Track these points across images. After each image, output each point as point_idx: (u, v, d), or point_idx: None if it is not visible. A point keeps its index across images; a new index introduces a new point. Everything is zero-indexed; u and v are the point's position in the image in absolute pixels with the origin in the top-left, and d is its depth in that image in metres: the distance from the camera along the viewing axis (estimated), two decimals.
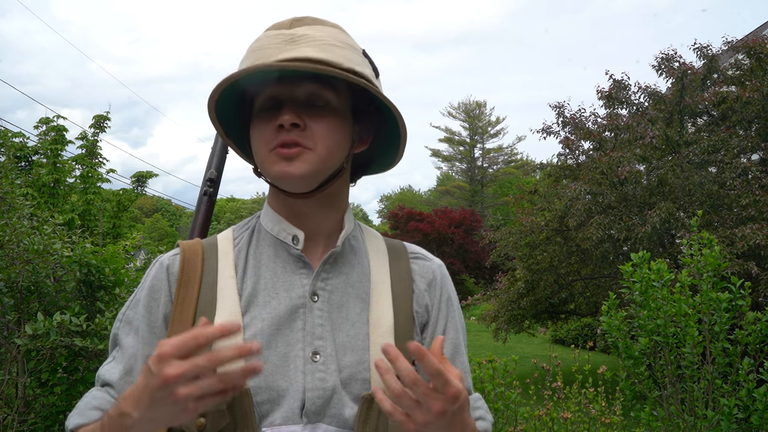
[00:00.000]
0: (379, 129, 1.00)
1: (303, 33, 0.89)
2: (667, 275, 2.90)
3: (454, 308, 1.02)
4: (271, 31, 0.92)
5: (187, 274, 0.93)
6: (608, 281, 9.02)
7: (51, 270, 2.75)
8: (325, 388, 0.87)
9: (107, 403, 0.89)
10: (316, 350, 0.89)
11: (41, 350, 2.48)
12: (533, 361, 4.79)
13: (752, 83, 8.05)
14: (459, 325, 1.02)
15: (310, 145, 0.89)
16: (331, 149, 0.91)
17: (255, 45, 0.91)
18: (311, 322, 0.91)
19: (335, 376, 0.88)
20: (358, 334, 0.92)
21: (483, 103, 42.79)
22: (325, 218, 0.97)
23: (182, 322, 0.90)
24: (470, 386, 1.01)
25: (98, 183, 13.23)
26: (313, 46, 0.88)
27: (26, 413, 2.55)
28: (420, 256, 1.05)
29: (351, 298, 0.95)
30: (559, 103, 9.84)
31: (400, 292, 0.98)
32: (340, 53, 0.89)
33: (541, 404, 3.99)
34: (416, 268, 1.02)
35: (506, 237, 10.21)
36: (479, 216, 28.59)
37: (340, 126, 0.92)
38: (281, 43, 0.88)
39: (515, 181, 33.06)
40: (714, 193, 7.62)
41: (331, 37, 0.90)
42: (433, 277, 1.02)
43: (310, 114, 0.90)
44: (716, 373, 2.80)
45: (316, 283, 0.94)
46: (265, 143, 0.90)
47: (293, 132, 0.89)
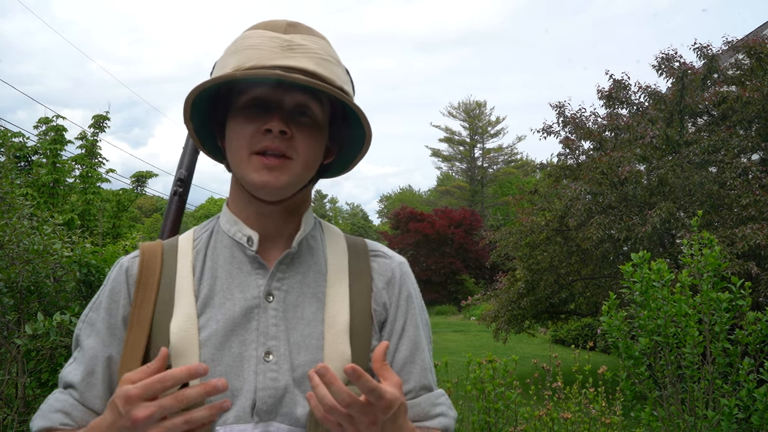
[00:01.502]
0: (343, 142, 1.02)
1: (300, 42, 0.91)
2: (668, 275, 2.90)
3: (415, 306, 1.02)
4: (266, 31, 0.92)
5: (145, 276, 0.95)
6: (608, 281, 9.02)
7: (51, 270, 2.75)
8: (276, 388, 0.88)
9: (69, 405, 0.91)
10: (269, 350, 0.90)
11: (41, 350, 2.48)
12: (533, 361, 4.79)
13: (752, 83, 8.05)
14: (420, 322, 1.02)
15: (293, 155, 0.91)
16: (309, 162, 0.93)
17: (248, 42, 0.91)
18: (265, 322, 0.92)
19: (288, 375, 0.89)
20: (312, 333, 0.93)
21: (483, 103, 42.81)
22: (286, 221, 0.99)
23: (140, 324, 0.91)
24: (431, 382, 0.99)
25: (98, 183, 13.24)
26: (310, 58, 0.90)
27: (26, 413, 2.55)
28: (380, 254, 1.05)
29: (307, 297, 0.95)
30: (559, 103, 9.84)
31: (358, 290, 0.98)
32: (333, 69, 0.92)
33: (541, 404, 3.99)
34: (376, 266, 1.02)
35: (506, 237, 10.20)
36: (479, 216, 28.60)
37: (319, 139, 0.95)
38: (278, 48, 0.89)
39: (515, 181, 33.08)
40: (714, 193, 7.62)
41: (324, 51, 0.93)
42: (392, 275, 1.02)
43: (296, 124, 0.91)
44: (716, 373, 2.80)
45: (271, 284, 0.94)
46: (246, 144, 0.91)
47: (279, 139, 0.89)
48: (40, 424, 0.89)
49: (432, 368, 1.02)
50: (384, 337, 0.99)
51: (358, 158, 1.01)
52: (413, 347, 0.99)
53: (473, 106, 42.84)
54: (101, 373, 0.92)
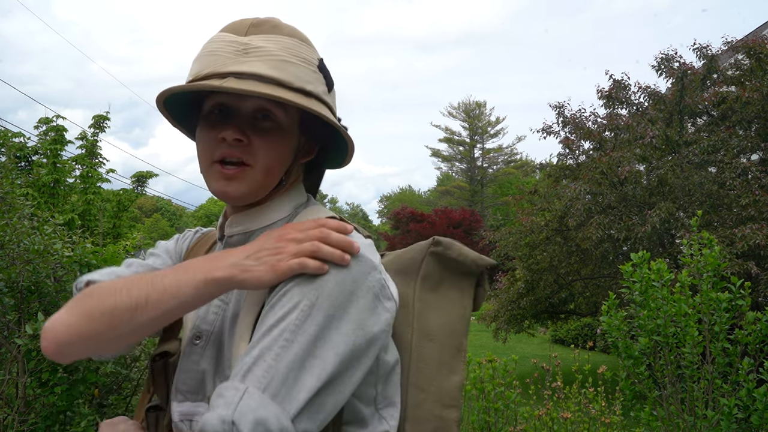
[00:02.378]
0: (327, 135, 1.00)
1: (257, 45, 0.89)
2: (667, 275, 2.90)
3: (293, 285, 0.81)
4: (227, 35, 0.91)
5: (194, 254, 1.05)
6: (608, 281, 9.02)
7: (51, 270, 2.76)
8: (196, 371, 0.91)
9: (110, 273, 1.00)
10: (198, 334, 0.93)
11: (41, 350, 2.48)
12: (533, 361, 4.79)
13: (752, 83, 8.05)
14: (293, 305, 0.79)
15: (251, 161, 0.90)
16: (271, 167, 0.92)
17: (208, 48, 0.91)
18: (206, 308, 0.94)
19: (209, 361, 0.91)
20: (232, 328, 0.91)
21: (483, 103, 42.81)
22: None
23: None
24: (243, 371, 0.76)
25: (98, 183, 13.24)
26: (264, 61, 0.88)
27: (26, 413, 2.55)
28: None
29: (254, 295, 0.90)
30: (559, 103, 9.85)
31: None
32: (292, 71, 0.89)
33: (541, 404, 3.99)
34: None
35: (506, 237, 10.21)
36: (479, 216, 28.59)
37: (284, 142, 0.93)
38: (233, 54, 0.88)
39: (515, 181, 33.08)
40: (714, 193, 7.62)
41: (285, 51, 0.90)
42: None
43: (254, 129, 0.90)
44: (716, 373, 2.80)
45: None
46: (207, 153, 0.92)
47: (235, 147, 0.89)
48: (94, 276, 0.98)
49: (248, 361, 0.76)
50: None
51: (347, 158, 1.00)
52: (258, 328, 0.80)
53: (473, 107, 42.84)
54: (153, 260, 1.06)
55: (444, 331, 0.98)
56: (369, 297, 0.83)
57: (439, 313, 1.00)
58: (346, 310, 0.80)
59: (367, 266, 0.84)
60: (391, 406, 0.91)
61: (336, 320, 0.79)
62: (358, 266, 0.83)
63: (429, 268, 1.01)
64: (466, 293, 1.02)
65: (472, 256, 1.01)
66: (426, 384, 0.96)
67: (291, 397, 0.74)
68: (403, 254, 1.06)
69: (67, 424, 2.60)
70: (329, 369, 0.77)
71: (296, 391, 0.74)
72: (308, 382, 0.75)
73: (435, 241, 1.03)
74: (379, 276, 0.86)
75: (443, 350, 0.98)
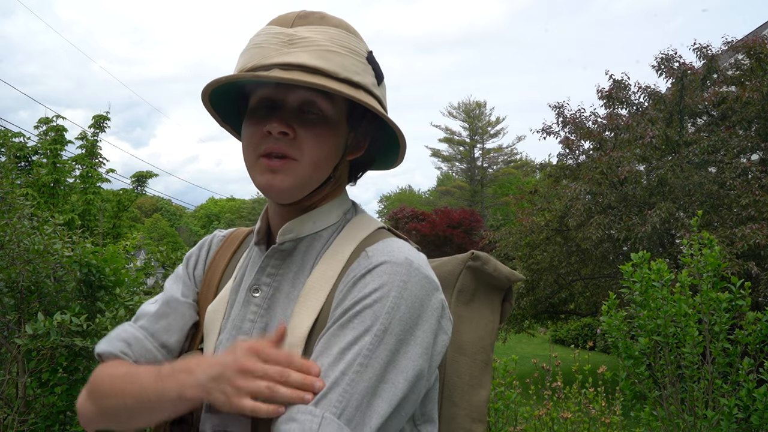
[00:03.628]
0: (378, 132, 0.96)
1: (303, 36, 0.86)
2: (667, 275, 2.90)
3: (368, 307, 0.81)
4: (273, 26, 0.89)
5: (217, 261, 1.03)
6: (608, 281, 9.02)
7: (51, 270, 2.76)
8: None
9: (133, 338, 0.96)
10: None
11: (42, 350, 2.49)
12: (533, 361, 4.79)
13: (752, 83, 8.05)
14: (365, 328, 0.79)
15: (297, 155, 0.87)
16: (318, 161, 0.88)
17: (255, 40, 0.89)
18: (242, 316, 0.92)
19: None
20: (291, 338, 0.87)
21: (483, 103, 42.79)
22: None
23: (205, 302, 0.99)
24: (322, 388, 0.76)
25: (98, 183, 13.24)
26: (310, 51, 0.85)
27: (27, 413, 2.55)
28: (363, 255, 0.88)
29: (288, 299, 0.90)
30: (559, 103, 9.85)
31: (331, 298, 0.87)
32: (338, 61, 0.86)
33: (541, 404, 3.99)
34: (351, 267, 0.87)
35: (506, 237, 10.21)
36: (479, 216, 28.57)
37: (331, 136, 0.89)
38: (279, 45, 0.86)
39: (515, 181, 33.06)
40: (714, 193, 7.62)
41: (331, 41, 0.87)
42: (354, 275, 0.85)
43: (301, 122, 0.87)
44: (716, 373, 2.80)
45: (259, 278, 0.93)
46: (252, 148, 0.89)
47: (281, 141, 0.86)
48: (103, 347, 0.95)
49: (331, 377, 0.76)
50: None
51: (400, 155, 0.96)
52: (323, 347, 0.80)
53: (473, 107, 42.83)
54: (175, 304, 1.00)
55: (475, 345, 0.99)
56: (434, 320, 0.83)
57: (471, 327, 1.00)
58: (414, 334, 0.80)
59: (431, 286, 0.84)
60: (430, 422, 0.90)
61: (405, 344, 0.79)
62: (424, 287, 0.83)
63: (465, 282, 1.01)
64: (495, 308, 1.03)
65: (506, 272, 1.02)
66: (458, 398, 0.96)
67: (364, 423, 0.74)
68: (441, 266, 1.05)
69: (67, 424, 2.60)
70: (399, 394, 0.77)
71: (369, 417, 0.75)
72: (381, 408, 0.76)
73: (474, 255, 1.03)
74: (441, 297, 0.86)
75: (474, 364, 0.98)
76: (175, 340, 0.98)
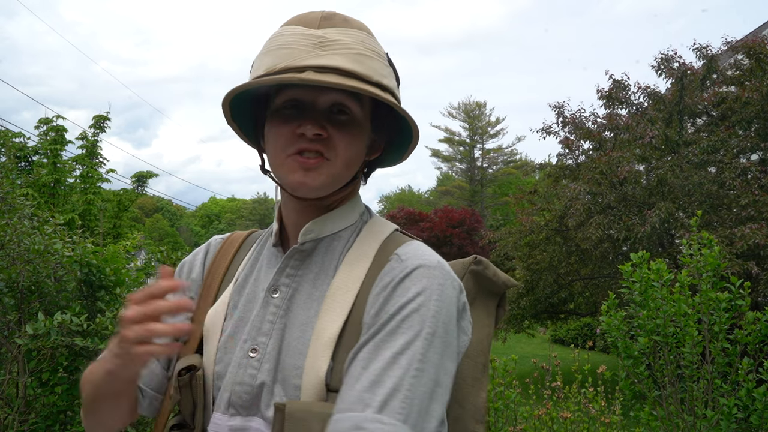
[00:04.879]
0: (391, 133, 0.99)
1: (334, 38, 0.87)
2: (667, 275, 2.90)
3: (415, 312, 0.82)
4: (298, 27, 0.89)
5: (216, 265, 1.03)
6: (608, 281, 9.03)
7: (52, 270, 2.76)
8: (252, 385, 0.87)
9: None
10: (255, 346, 0.89)
11: (42, 350, 2.49)
12: (533, 360, 4.79)
13: (751, 83, 8.06)
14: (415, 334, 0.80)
15: (331, 155, 0.88)
16: (350, 161, 0.91)
17: (281, 41, 0.88)
18: (261, 317, 0.91)
19: (268, 374, 0.87)
20: (302, 337, 0.88)
21: (483, 104, 42.79)
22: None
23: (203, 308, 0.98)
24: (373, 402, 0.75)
25: (98, 183, 13.25)
26: (343, 54, 0.86)
27: (27, 413, 2.55)
28: (395, 257, 0.89)
29: (312, 300, 0.90)
30: (559, 104, 9.85)
31: (361, 300, 0.88)
32: (370, 64, 0.88)
33: (540, 404, 3.99)
34: (386, 269, 0.88)
35: (506, 237, 10.22)
36: (479, 216, 28.55)
37: (360, 137, 0.92)
38: (310, 47, 0.86)
39: (515, 182, 33.06)
40: (713, 193, 7.63)
41: (360, 44, 0.88)
42: (391, 280, 0.85)
43: (333, 123, 0.89)
44: (716, 373, 2.81)
45: (279, 279, 0.93)
46: (282, 147, 0.89)
47: (315, 142, 0.87)
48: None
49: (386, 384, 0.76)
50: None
51: (409, 149, 0.98)
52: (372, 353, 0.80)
53: (473, 107, 42.83)
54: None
55: (476, 348, 1.00)
56: (462, 320, 0.88)
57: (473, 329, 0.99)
58: (452, 336, 0.84)
59: (460, 289, 0.88)
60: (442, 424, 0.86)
61: (447, 347, 0.82)
62: (456, 290, 0.87)
63: (467, 286, 1.01)
64: (491, 312, 1.05)
65: (503, 278, 1.04)
66: (463, 399, 0.97)
67: (424, 429, 0.76)
68: None
69: (67, 424, 2.60)
70: (447, 396, 0.81)
71: (428, 422, 0.77)
72: (437, 411, 0.78)
73: (477, 260, 1.04)
74: (464, 298, 0.89)
75: (475, 367, 1.00)
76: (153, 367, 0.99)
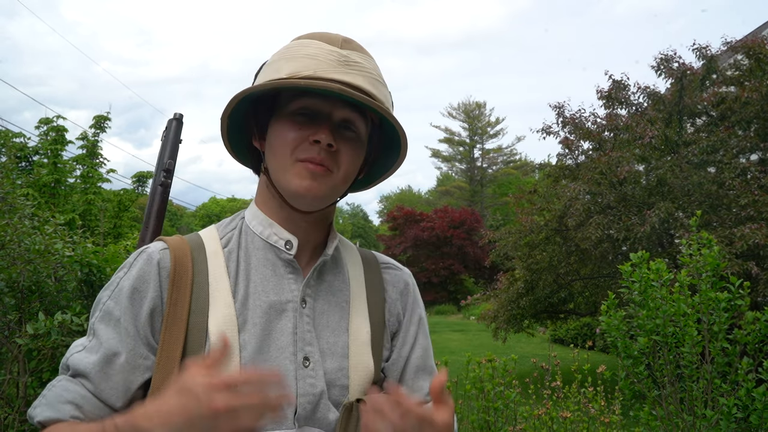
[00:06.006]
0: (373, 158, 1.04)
1: (356, 59, 0.92)
2: (666, 275, 2.91)
3: (423, 315, 1.08)
4: (322, 43, 0.92)
5: (179, 275, 0.91)
6: (607, 281, 9.03)
7: (52, 270, 2.76)
8: (314, 394, 0.90)
9: (81, 397, 0.85)
10: (306, 356, 0.92)
11: (42, 350, 2.49)
12: (532, 360, 4.80)
13: (751, 83, 8.06)
14: (427, 332, 1.09)
15: (335, 168, 0.92)
16: (349, 176, 0.95)
17: (306, 51, 0.91)
18: (302, 327, 0.93)
19: (322, 381, 0.91)
20: (337, 341, 0.95)
21: (483, 104, 42.83)
22: (314, 229, 1.00)
23: (176, 324, 0.88)
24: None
25: (99, 183, 13.25)
26: (365, 77, 0.92)
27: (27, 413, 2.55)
28: (390, 266, 1.09)
29: (332, 306, 0.98)
30: (558, 104, 9.84)
31: (374, 302, 1.02)
32: (382, 91, 0.95)
33: (540, 403, 3.99)
34: (388, 278, 1.06)
35: (506, 237, 10.21)
36: (479, 216, 28.52)
37: (360, 155, 0.97)
38: (336, 62, 0.90)
39: (515, 181, 33.05)
40: (713, 193, 7.63)
41: (375, 71, 0.95)
42: (405, 286, 1.07)
43: (341, 137, 0.93)
44: (715, 373, 2.81)
45: (305, 290, 0.96)
46: (291, 151, 0.91)
47: (324, 152, 0.90)
48: (47, 414, 0.84)
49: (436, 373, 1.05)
50: (396, 346, 1.02)
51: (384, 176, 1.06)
52: (424, 355, 1.04)
53: (473, 107, 42.85)
54: (120, 366, 0.87)
55: None
56: None
57: None
58: None
59: None
60: None
61: None
62: None
63: None
64: None
65: None
66: None
67: None
68: None
69: None
70: None
71: None
72: None
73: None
74: None
75: None
76: (121, 405, 0.87)
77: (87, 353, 0.88)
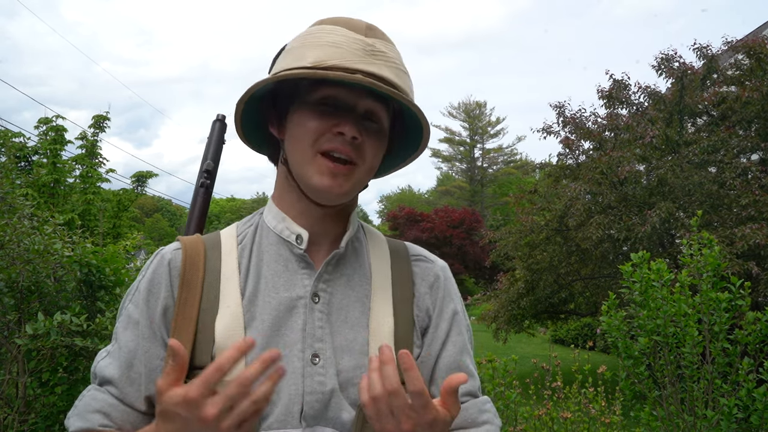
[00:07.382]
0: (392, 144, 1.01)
1: (381, 49, 0.89)
2: (667, 275, 2.90)
3: (459, 310, 1.00)
4: (346, 30, 0.89)
5: (189, 274, 0.91)
6: (608, 281, 9.02)
7: (51, 270, 2.75)
8: (323, 392, 0.86)
9: (108, 405, 0.86)
10: (316, 353, 0.88)
11: (42, 350, 2.49)
12: (533, 360, 4.79)
13: (752, 83, 8.05)
14: (464, 328, 1.00)
15: (359, 161, 0.90)
16: (372, 168, 0.93)
17: (330, 38, 0.88)
18: (311, 323, 0.89)
19: (334, 379, 0.87)
20: (356, 338, 0.90)
21: (483, 104, 42.84)
22: (333, 221, 0.97)
23: (186, 324, 0.88)
24: (475, 388, 0.97)
25: (98, 183, 13.24)
26: (390, 67, 0.89)
27: (27, 413, 2.55)
28: (422, 258, 1.03)
29: (351, 300, 0.93)
30: (559, 103, 9.84)
31: (400, 296, 0.96)
32: (407, 82, 0.92)
33: (540, 404, 3.99)
34: (418, 271, 1.00)
35: (506, 237, 10.21)
36: (479, 216, 28.54)
37: (383, 147, 0.94)
38: (361, 52, 0.87)
39: (515, 181, 33.05)
40: (714, 193, 7.62)
41: (399, 60, 0.92)
42: (435, 279, 1.00)
43: (365, 129, 0.90)
44: (716, 373, 2.80)
45: (318, 284, 0.92)
46: (313, 141, 0.88)
47: (349, 144, 0.88)
48: (78, 424, 0.85)
49: (476, 374, 1.00)
50: (426, 342, 0.96)
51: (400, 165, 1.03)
52: (458, 352, 0.97)
53: (473, 107, 42.86)
54: (141, 368, 0.88)
55: None
56: None
57: None
58: None
59: None
60: None
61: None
62: None
63: None
64: None
65: None
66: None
67: None
68: None
69: None
70: None
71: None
72: None
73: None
74: None
75: None
76: (145, 408, 0.88)
77: (110, 359, 0.90)
